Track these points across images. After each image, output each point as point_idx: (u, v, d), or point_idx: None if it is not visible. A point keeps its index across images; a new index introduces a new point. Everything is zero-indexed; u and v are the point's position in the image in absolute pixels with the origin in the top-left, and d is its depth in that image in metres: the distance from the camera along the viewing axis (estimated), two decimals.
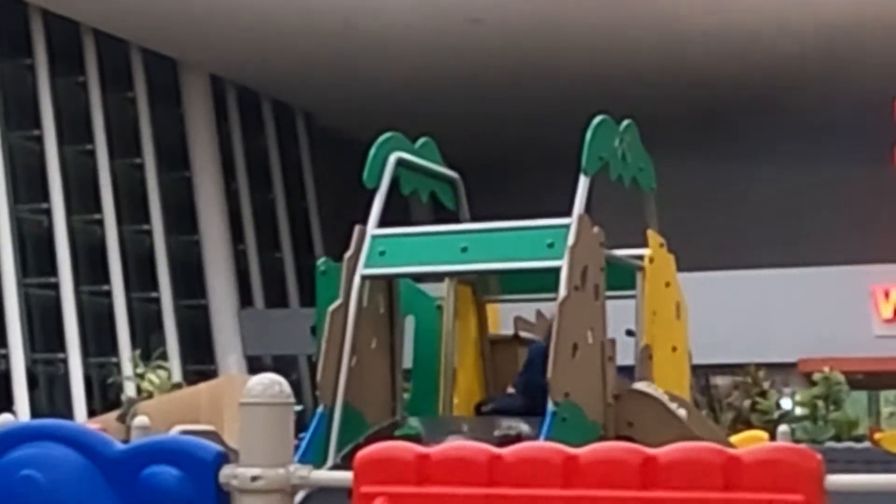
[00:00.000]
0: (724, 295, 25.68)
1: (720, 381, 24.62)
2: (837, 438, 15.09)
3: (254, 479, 3.44)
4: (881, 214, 27.87)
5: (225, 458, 3.54)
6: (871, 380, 26.08)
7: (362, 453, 3.34)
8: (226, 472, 3.48)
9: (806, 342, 25.17)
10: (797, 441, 14.28)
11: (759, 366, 20.12)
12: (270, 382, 3.50)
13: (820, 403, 16.16)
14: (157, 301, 33.38)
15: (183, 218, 34.67)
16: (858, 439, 14.68)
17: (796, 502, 3.00)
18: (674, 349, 9.14)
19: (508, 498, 3.21)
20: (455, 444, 3.35)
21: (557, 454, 3.22)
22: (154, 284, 33.33)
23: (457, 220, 9.26)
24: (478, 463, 3.26)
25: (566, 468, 3.19)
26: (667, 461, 3.16)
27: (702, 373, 25.46)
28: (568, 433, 6.91)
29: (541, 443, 3.46)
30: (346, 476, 3.35)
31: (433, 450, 3.31)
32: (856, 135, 28.57)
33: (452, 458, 3.29)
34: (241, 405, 3.49)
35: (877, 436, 14.12)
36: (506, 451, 3.28)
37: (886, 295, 25.59)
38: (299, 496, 6.53)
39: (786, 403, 21.09)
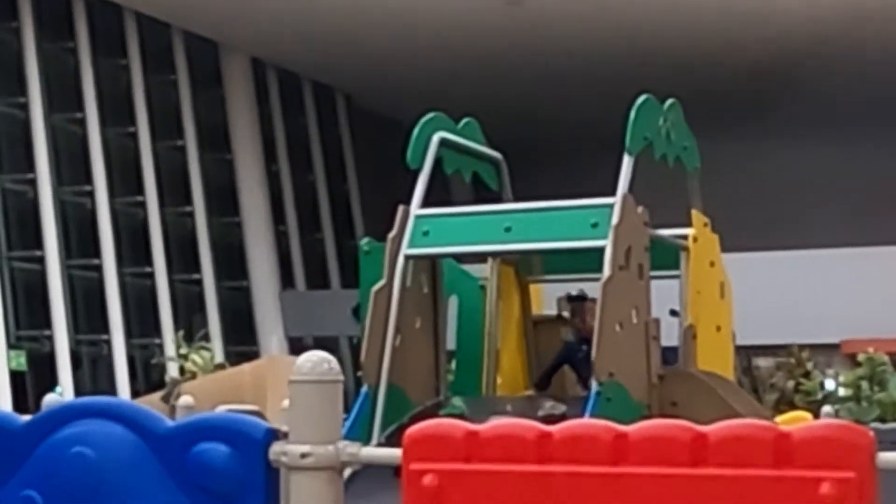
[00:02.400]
0: (768, 275, 25.58)
1: (762, 362, 24.53)
2: (882, 419, 15.00)
3: (303, 455, 3.45)
4: None
5: (275, 435, 3.55)
6: None
7: (412, 430, 3.34)
8: (276, 448, 3.49)
9: (849, 323, 25.06)
10: None
11: (802, 347, 20.04)
12: (319, 360, 3.50)
13: (864, 384, 16.08)
14: (200, 283, 33.54)
15: (225, 200, 34.81)
16: None
17: (848, 479, 2.98)
18: (718, 329, 9.11)
19: (557, 475, 3.20)
20: (504, 422, 3.35)
21: (607, 431, 3.21)
22: (196, 266, 33.50)
23: (499, 201, 9.25)
24: (526, 440, 3.25)
25: (615, 445, 3.18)
26: (717, 438, 3.14)
27: (744, 354, 25.41)
28: (612, 412, 6.90)
29: (588, 419, 3.45)
30: (395, 453, 3.35)
31: (482, 427, 3.31)
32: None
33: (501, 436, 3.29)
34: (291, 382, 3.50)
35: None
36: (554, 428, 3.27)
37: None
38: (346, 474, 6.57)
39: (829, 384, 20.98)
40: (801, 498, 3.03)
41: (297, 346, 31.58)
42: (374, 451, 3.91)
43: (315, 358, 3.52)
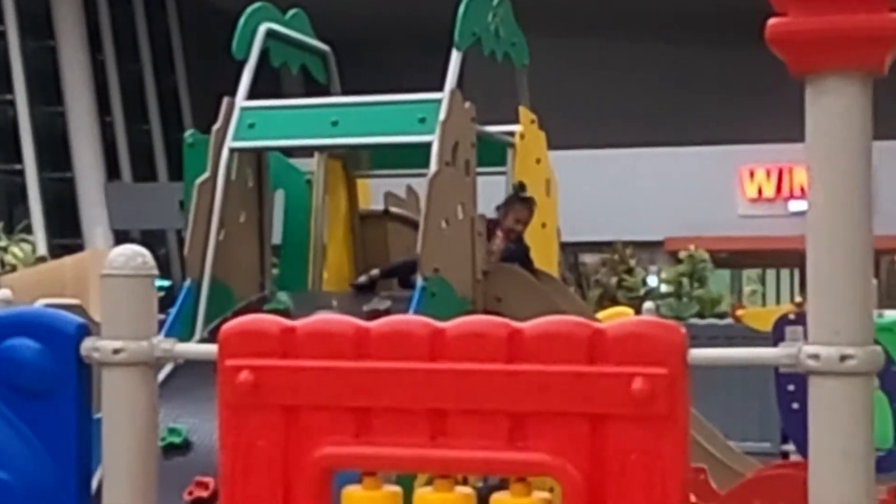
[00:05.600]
0: (594, 173, 25.95)
1: (589, 258, 24.99)
2: (701, 315, 15.39)
3: (116, 351, 3.38)
4: (748, 96, 28.22)
5: (87, 330, 3.46)
6: (735, 258, 26.66)
7: (227, 326, 3.29)
8: (87, 344, 3.41)
9: (672, 221, 25.61)
10: (662, 317, 14.56)
11: (626, 244, 20.43)
12: (133, 254, 3.42)
13: (685, 281, 16.45)
14: (21, 173, 32.66)
15: (47, 88, 33.85)
16: (721, 316, 15.00)
17: (659, 375, 3.03)
18: (543, 226, 9.21)
19: (375, 371, 3.19)
20: (321, 318, 3.31)
21: (424, 327, 3.20)
22: (18, 156, 32.56)
23: (328, 95, 9.15)
24: (344, 336, 3.23)
25: (432, 341, 3.18)
26: (532, 334, 3.16)
27: (571, 250, 25.82)
28: (437, 308, 6.94)
29: (407, 316, 3.44)
30: (210, 349, 3.30)
31: (299, 323, 3.28)
32: (722, 16, 28.79)
33: (318, 332, 3.26)
34: (103, 277, 3.42)
35: (738, 312, 14.46)
36: (372, 324, 3.26)
37: (752, 175, 26.05)
38: (165, 371, 6.49)
39: (652, 281, 21.43)
40: (613, 393, 3.07)
41: (122, 239, 31.09)
42: (189, 347, 3.84)
43: (128, 252, 3.43)
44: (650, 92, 31.04)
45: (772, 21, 2.99)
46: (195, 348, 4.04)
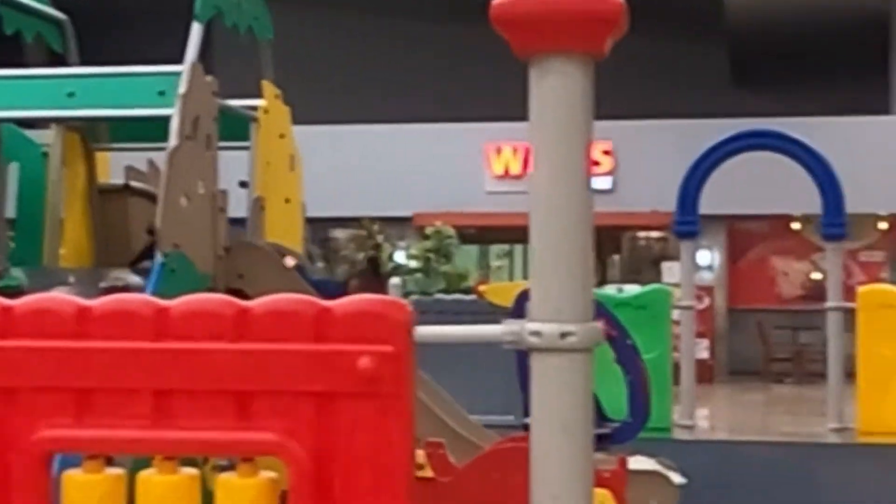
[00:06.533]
0: (345, 149, 25.97)
1: (341, 234, 25.03)
2: (447, 291, 15.58)
3: None
4: (495, 73, 28.66)
5: None
6: (483, 234, 27.10)
7: None
8: None
9: (422, 197, 25.84)
10: (408, 293, 14.70)
11: (374, 219, 20.52)
12: None
13: (432, 257, 16.60)
14: None
15: None
16: (467, 291, 15.22)
17: (385, 353, 3.04)
18: (287, 201, 9.15)
19: (96, 351, 3.11)
20: (40, 296, 3.21)
21: (147, 306, 3.14)
22: None
23: (66, 65, 8.90)
24: (64, 315, 3.14)
25: (157, 320, 3.12)
26: (259, 312, 3.13)
27: (322, 226, 25.81)
28: (177, 284, 6.83)
29: (132, 294, 3.36)
30: None
31: (16, 302, 3.17)
32: None
33: (37, 310, 3.16)
34: None
35: (481, 288, 14.70)
36: (95, 302, 3.17)
37: (498, 152, 26.48)
38: None
39: (400, 257, 21.61)
40: (340, 372, 3.07)
41: None
42: None
43: None
44: (399, 68, 31.22)
45: (495, 2, 3.03)
46: None
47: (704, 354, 24.48)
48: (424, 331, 3.11)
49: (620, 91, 28.16)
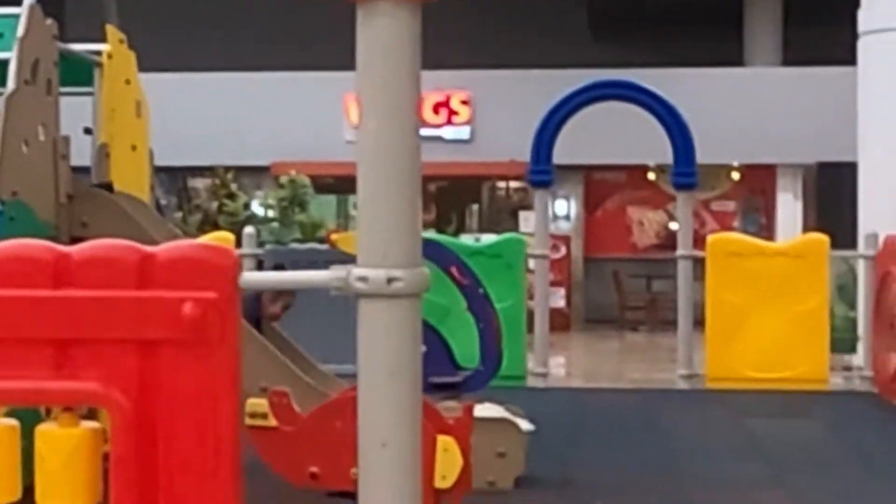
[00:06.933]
0: (204, 97, 25.62)
1: (199, 183, 24.70)
2: (302, 240, 15.47)
3: None
4: (354, 22, 28.47)
5: None
6: (341, 183, 26.95)
7: None
8: None
9: (279, 147, 25.60)
10: (263, 242, 14.57)
11: (230, 168, 20.28)
12: None
13: (287, 206, 16.45)
14: None
15: None
16: (322, 241, 15.13)
17: (209, 300, 2.99)
18: (133, 148, 8.98)
19: None
20: None
21: None
22: None
23: None
24: None
25: None
26: (81, 259, 3.06)
27: (180, 175, 25.45)
28: (17, 232, 6.64)
29: None
30: None
31: None
32: None
33: None
34: None
35: (333, 237, 14.64)
36: None
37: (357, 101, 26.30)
38: None
39: (257, 206, 21.40)
40: (164, 318, 3.02)
41: None
42: None
43: None
44: (257, 16, 30.83)
45: None
46: None
47: (561, 303, 24.74)
48: (250, 277, 3.06)
49: (479, 41, 28.22)
